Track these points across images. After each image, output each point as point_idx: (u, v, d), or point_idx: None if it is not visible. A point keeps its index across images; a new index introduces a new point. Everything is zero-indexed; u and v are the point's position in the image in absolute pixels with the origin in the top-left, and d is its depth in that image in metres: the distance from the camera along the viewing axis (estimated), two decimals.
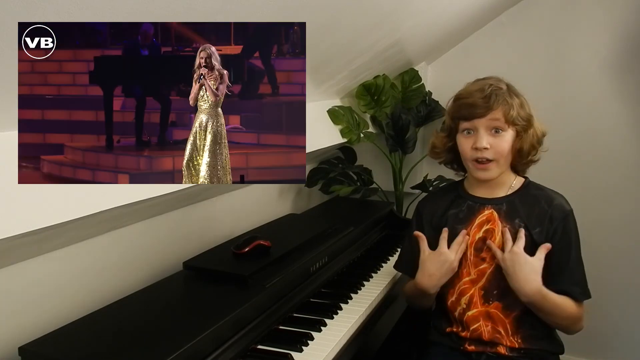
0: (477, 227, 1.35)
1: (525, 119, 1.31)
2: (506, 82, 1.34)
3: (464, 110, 1.31)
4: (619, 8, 2.14)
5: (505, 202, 1.35)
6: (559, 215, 1.31)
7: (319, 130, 1.93)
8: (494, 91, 1.29)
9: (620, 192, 2.24)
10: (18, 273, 1.11)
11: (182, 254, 1.50)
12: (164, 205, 1.44)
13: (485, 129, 1.29)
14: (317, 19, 1.24)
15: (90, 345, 1.01)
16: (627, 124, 2.20)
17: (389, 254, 1.82)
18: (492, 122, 1.28)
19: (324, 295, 1.47)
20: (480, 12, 2.13)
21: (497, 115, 1.28)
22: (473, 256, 1.35)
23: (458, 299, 1.36)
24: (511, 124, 1.29)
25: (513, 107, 1.28)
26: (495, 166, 1.31)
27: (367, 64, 1.92)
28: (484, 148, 1.28)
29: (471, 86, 1.34)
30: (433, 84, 2.45)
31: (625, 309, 2.29)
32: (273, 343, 1.20)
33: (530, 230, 1.31)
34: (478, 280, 1.34)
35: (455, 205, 1.40)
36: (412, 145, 2.30)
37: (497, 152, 1.29)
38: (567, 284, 1.29)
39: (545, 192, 1.36)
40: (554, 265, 1.29)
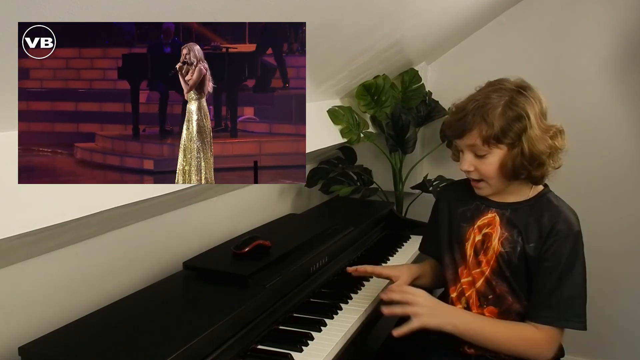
0: (477, 230, 1.34)
1: (516, 133, 1.20)
2: (515, 87, 1.25)
3: (446, 130, 1.32)
4: (619, 8, 2.14)
5: (510, 208, 1.30)
6: (559, 233, 1.23)
7: (319, 130, 1.93)
8: (476, 109, 1.21)
9: (620, 193, 2.24)
10: (18, 273, 1.11)
11: (182, 254, 1.50)
12: (164, 205, 1.44)
13: (469, 151, 1.26)
14: (317, 19, 1.24)
15: (90, 345, 1.01)
16: (627, 124, 2.20)
17: (389, 254, 1.82)
18: (470, 146, 1.25)
19: (324, 295, 1.47)
20: (480, 12, 2.13)
21: (472, 138, 1.23)
22: (472, 257, 1.34)
23: (459, 297, 1.36)
24: (494, 144, 1.21)
25: (492, 126, 1.19)
26: (485, 185, 1.29)
27: (367, 64, 1.92)
28: (467, 170, 1.27)
29: (463, 100, 1.28)
30: (433, 84, 2.45)
31: (625, 309, 2.29)
32: (273, 343, 1.20)
33: (525, 243, 1.26)
34: (475, 282, 1.33)
35: (465, 203, 1.39)
36: (412, 145, 2.30)
37: (483, 174, 1.26)
38: (534, 307, 1.24)
39: (556, 206, 1.27)
40: (534, 283, 1.25)
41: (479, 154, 1.25)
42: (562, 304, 1.22)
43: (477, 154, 1.25)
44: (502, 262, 1.28)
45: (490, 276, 1.30)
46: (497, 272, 1.29)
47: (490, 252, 1.30)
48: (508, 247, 1.27)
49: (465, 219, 1.37)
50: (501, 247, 1.29)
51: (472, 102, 1.24)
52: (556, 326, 1.22)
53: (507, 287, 1.28)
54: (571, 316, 1.22)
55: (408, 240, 1.99)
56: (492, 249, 1.30)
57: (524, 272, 1.27)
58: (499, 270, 1.29)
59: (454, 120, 1.26)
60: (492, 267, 1.30)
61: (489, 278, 1.30)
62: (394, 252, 1.85)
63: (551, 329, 1.22)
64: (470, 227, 1.35)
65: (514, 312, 1.29)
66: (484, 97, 1.24)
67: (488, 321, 1.28)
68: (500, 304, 1.30)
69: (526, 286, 1.28)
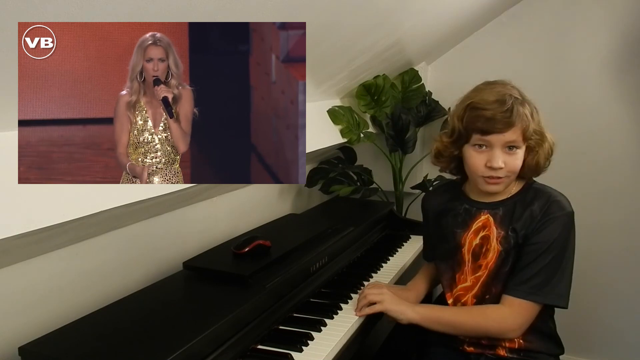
0: (473, 234, 1.32)
1: (539, 132, 1.26)
2: (518, 89, 1.26)
3: (482, 124, 1.21)
4: (619, 8, 2.14)
5: (502, 206, 1.31)
6: (549, 215, 1.24)
7: (319, 130, 1.93)
8: (515, 104, 1.20)
9: (620, 193, 2.24)
10: (18, 273, 1.11)
11: (182, 254, 1.50)
12: (164, 205, 1.44)
13: (501, 147, 1.22)
14: (317, 19, 1.24)
15: (90, 345, 1.01)
16: (627, 124, 2.20)
17: (389, 254, 1.82)
18: (509, 142, 1.22)
19: (324, 295, 1.47)
20: (481, 11, 2.13)
21: (516, 132, 1.21)
22: (471, 263, 1.33)
23: (454, 303, 1.36)
24: (526, 140, 1.24)
25: (531, 122, 1.22)
26: (505, 181, 1.27)
27: (367, 64, 1.92)
28: (499, 167, 1.23)
29: (487, 94, 1.23)
30: (433, 84, 2.45)
31: (623, 310, 2.29)
32: (273, 343, 1.20)
33: (517, 232, 1.26)
34: (472, 287, 1.32)
35: (454, 207, 1.38)
36: (412, 145, 2.30)
37: (510, 170, 1.24)
38: (515, 280, 1.24)
39: (545, 192, 1.29)
40: (519, 262, 1.25)
41: (515, 147, 1.23)
42: (543, 280, 1.22)
43: (509, 148, 1.23)
44: (500, 261, 1.28)
45: (489, 278, 1.30)
46: (495, 273, 1.29)
47: (491, 254, 1.30)
48: (506, 245, 1.28)
49: (458, 225, 1.35)
50: (500, 246, 1.29)
51: (509, 98, 1.21)
52: (530, 300, 1.22)
53: (504, 285, 1.28)
54: (550, 293, 1.22)
55: (408, 240, 1.99)
56: (492, 250, 1.29)
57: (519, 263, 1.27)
58: (498, 270, 1.29)
59: (499, 113, 1.19)
60: (491, 269, 1.29)
61: (487, 281, 1.30)
62: (394, 252, 1.85)
63: (521, 302, 1.23)
64: (465, 232, 1.33)
65: None
66: (511, 91, 1.24)
67: (449, 307, 1.34)
68: (498, 302, 1.29)
69: None
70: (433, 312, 1.31)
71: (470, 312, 1.30)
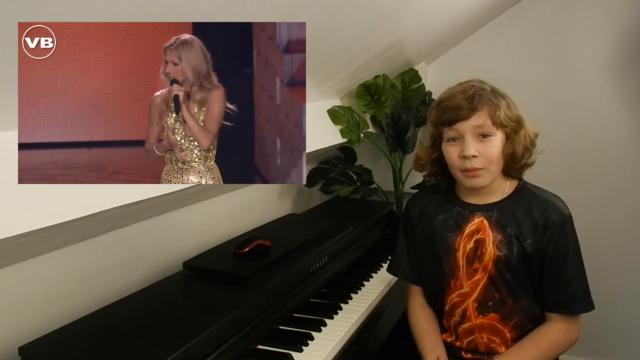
0: (467, 237, 1.28)
1: (514, 119, 1.23)
2: (490, 85, 1.26)
3: (447, 114, 1.23)
4: (618, 8, 2.14)
5: (496, 208, 1.27)
6: (554, 223, 1.22)
7: (319, 130, 1.93)
8: (477, 92, 1.21)
9: (620, 194, 2.24)
10: (18, 273, 1.11)
11: (182, 254, 1.50)
12: (164, 206, 1.44)
13: (472, 135, 1.21)
14: (317, 19, 1.24)
15: (90, 345, 1.01)
16: (626, 124, 2.20)
17: (389, 254, 1.82)
18: (478, 127, 1.20)
19: (324, 295, 1.47)
20: (480, 12, 2.13)
21: (482, 117, 1.20)
22: (465, 267, 1.28)
23: (452, 310, 1.31)
24: (499, 126, 1.21)
25: (499, 108, 1.21)
26: (485, 173, 1.22)
27: (367, 64, 1.92)
28: (472, 156, 1.20)
29: (453, 89, 1.26)
30: (433, 84, 2.45)
31: (624, 310, 2.29)
32: (273, 343, 1.20)
33: (521, 241, 1.23)
34: (471, 292, 1.28)
35: (444, 210, 1.33)
36: (412, 145, 2.29)
37: (487, 159, 1.21)
38: (559, 299, 1.24)
39: (541, 197, 1.27)
40: (548, 277, 1.23)
41: (487, 134, 1.21)
42: (583, 290, 1.24)
43: (482, 136, 1.21)
44: (501, 266, 1.24)
45: (489, 283, 1.26)
46: (495, 278, 1.25)
47: (487, 258, 1.25)
48: (505, 250, 1.24)
49: (449, 228, 1.31)
50: (497, 250, 1.24)
51: (471, 88, 1.23)
52: (579, 313, 1.25)
53: (507, 290, 1.25)
54: (587, 299, 1.24)
55: None
56: (488, 254, 1.25)
57: (525, 270, 1.24)
58: (498, 275, 1.25)
59: (462, 100, 1.21)
60: (490, 273, 1.25)
61: (487, 285, 1.26)
62: None
63: (574, 317, 1.25)
64: (458, 236, 1.29)
65: (515, 313, 1.26)
66: (479, 84, 1.25)
67: (517, 353, 1.25)
68: (501, 309, 1.26)
69: (527, 283, 1.25)
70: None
71: (538, 347, 1.24)
